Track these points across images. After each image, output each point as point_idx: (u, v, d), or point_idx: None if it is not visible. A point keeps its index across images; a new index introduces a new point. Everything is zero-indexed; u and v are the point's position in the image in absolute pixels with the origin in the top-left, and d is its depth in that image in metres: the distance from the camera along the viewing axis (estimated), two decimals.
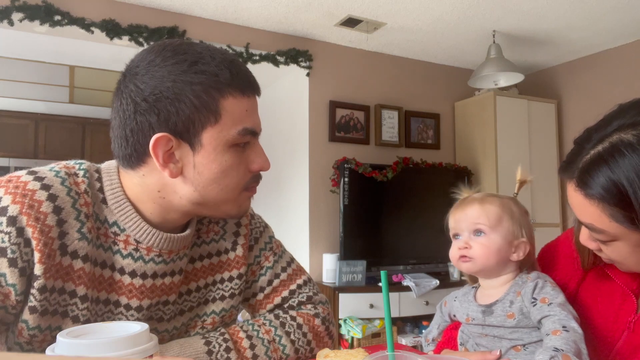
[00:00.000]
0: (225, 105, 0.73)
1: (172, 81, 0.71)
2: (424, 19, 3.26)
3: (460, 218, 0.91)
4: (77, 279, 0.72)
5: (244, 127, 0.75)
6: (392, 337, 0.65)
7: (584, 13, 3.17)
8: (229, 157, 0.74)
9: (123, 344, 0.57)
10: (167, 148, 0.73)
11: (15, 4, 2.64)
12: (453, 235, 0.93)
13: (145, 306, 0.79)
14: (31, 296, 0.69)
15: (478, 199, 0.91)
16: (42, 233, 0.69)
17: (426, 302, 3.32)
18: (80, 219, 0.73)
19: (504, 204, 0.89)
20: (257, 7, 3.07)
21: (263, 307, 0.95)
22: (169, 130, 0.72)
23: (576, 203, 0.72)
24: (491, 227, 0.87)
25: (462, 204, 0.93)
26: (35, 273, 0.69)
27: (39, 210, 0.69)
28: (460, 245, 0.90)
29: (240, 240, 0.93)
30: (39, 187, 0.71)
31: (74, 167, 0.77)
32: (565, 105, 4.12)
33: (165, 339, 0.83)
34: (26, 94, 4.66)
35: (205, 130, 0.72)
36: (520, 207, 0.91)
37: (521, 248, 0.88)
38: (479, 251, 0.87)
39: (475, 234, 0.88)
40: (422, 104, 4.05)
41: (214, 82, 0.72)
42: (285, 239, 4.56)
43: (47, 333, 0.72)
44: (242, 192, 0.79)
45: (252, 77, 0.79)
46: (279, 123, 4.16)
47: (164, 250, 0.79)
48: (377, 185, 3.50)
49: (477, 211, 0.89)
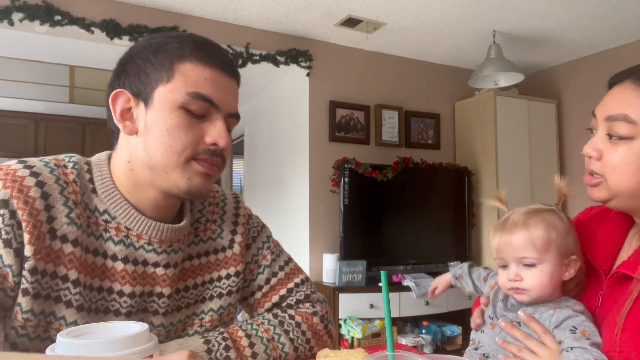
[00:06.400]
0: (181, 68, 0.76)
1: (141, 47, 0.79)
2: (424, 19, 3.26)
3: (504, 248, 0.85)
4: (68, 262, 0.74)
5: (196, 91, 0.76)
6: (392, 337, 0.65)
7: (584, 13, 3.17)
8: (176, 117, 0.76)
9: (123, 344, 0.57)
10: (127, 106, 0.78)
11: (15, 4, 2.64)
12: (499, 264, 0.88)
13: (138, 293, 0.80)
14: (23, 278, 0.71)
15: (521, 223, 0.84)
16: (30, 215, 0.71)
17: (426, 302, 3.32)
18: (68, 205, 0.75)
19: (549, 223, 0.83)
20: (257, 7, 3.07)
21: (261, 306, 0.96)
22: (128, 88, 0.78)
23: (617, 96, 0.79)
24: (540, 256, 0.82)
25: (504, 229, 0.86)
26: (25, 254, 0.71)
27: (27, 194, 0.72)
28: (511, 277, 0.84)
29: (238, 238, 0.94)
30: (28, 174, 0.74)
31: (63, 160, 0.80)
32: (565, 105, 4.12)
33: (162, 334, 0.83)
34: (26, 94, 4.66)
35: (157, 87, 0.76)
36: (563, 219, 0.86)
37: (572, 266, 0.84)
38: (532, 283, 0.82)
39: (524, 264, 0.83)
40: (422, 104, 4.05)
41: (176, 48, 0.77)
42: (285, 239, 4.57)
43: (40, 318, 0.72)
44: (190, 161, 0.77)
45: (226, 57, 0.81)
46: (279, 123, 4.16)
47: (154, 239, 0.81)
48: (377, 185, 3.50)
49: (522, 240, 0.83)
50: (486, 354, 0.87)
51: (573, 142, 4.02)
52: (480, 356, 0.88)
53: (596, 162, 0.81)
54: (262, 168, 4.55)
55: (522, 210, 0.88)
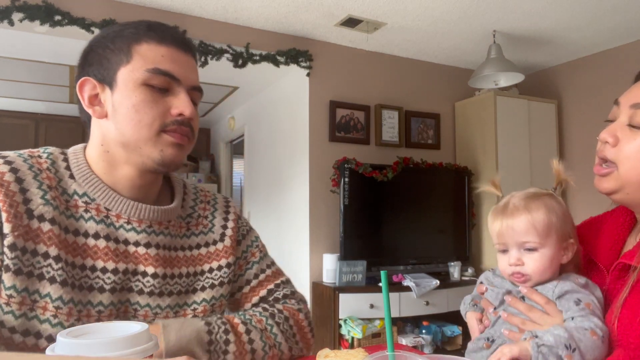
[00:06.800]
0: (139, 49, 0.82)
1: (100, 37, 0.85)
2: (424, 19, 3.26)
3: (506, 232, 0.85)
4: (48, 240, 0.76)
5: (155, 67, 0.81)
6: (392, 337, 0.65)
7: (584, 13, 3.17)
8: (139, 93, 0.80)
9: (123, 344, 0.57)
10: (93, 92, 0.83)
11: (16, 4, 2.64)
12: (499, 249, 0.87)
13: (121, 270, 0.81)
14: (3, 255, 0.73)
15: (523, 208, 0.84)
16: (6, 196, 0.75)
17: (426, 302, 3.32)
18: (42, 189, 0.79)
19: (549, 207, 0.84)
20: (257, 7, 3.07)
21: (249, 301, 0.99)
22: (92, 75, 0.83)
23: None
24: (542, 241, 0.83)
25: (505, 213, 0.86)
26: (4, 232, 0.73)
27: (2, 178, 0.76)
28: (511, 262, 0.84)
29: (228, 232, 0.98)
30: (2, 162, 0.78)
31: (38, 151, 0.85)
32: (565, 105, 4.12)
33: (149, 315, 0.84)
34: (26, 94, 4.66)
35: (119, 70, 0.81)
36: (561, 203, 0.86)
37: (570, 249, 0.85)
38: (533, 267, 0.83)
39: (525, 249, 0.84)
40: (422, 104, 4.06)
41: (131, 32, 0.83)
42: (285, 239, 4.55)
43: (24, 296, 0.73)
44: (160, 134, 0.82)
45: (180, 35, 0.87)
46: (279, 123, 4.16)
47: (132, 218, 0.84)
48: (377, 185, 3.50)
49: (524, 224, 0.83)
50: (490, 337, 0.87)
51: (573, 142, 4.02)
52: (486, 341, 0.87)
53: (610, 149, 0.81)
54: (262, 168, 4.55)
55: (521, 194, 0.87)
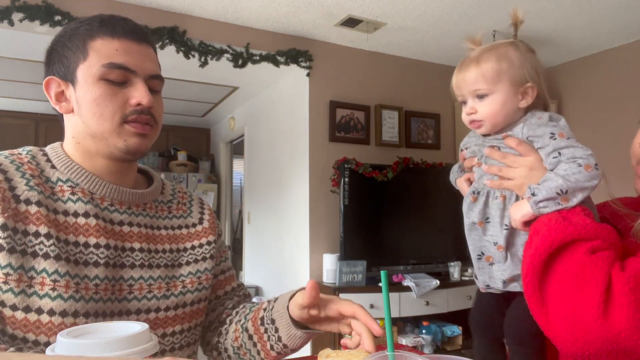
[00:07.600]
0: (94, 45, 0.86)
1: (59, 36, 0.90)
2: (424, 19, 3.26)
3: (460, 84, 0.90)
4: (36, 220, 0.80)
5: (109, 62, 0.85)
6: (392, 337, 0.65)
7: (584, 13, 3.17)
8: (98, 88, 0.85)
9: (123, 344, 0.57)
10: (59, 90, 0.89)
11: (16, 4, 2.64)
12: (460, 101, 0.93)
13: (112, 245, 0.85)
14: None
15: (474, 59, 0.89)
16: None
17: (426, 302, 3.32)
18: (25, 177, 0.83)
19: (501, 54, 0.87)
20: (257, 7, 3.07)
21: (222, 288, 1.07)
22: (56, 73, 0.88)
23: None
24: (491, 87, 0.86)
25: (460, 68, 0.91)
26: None
27: None
28: (467, 111, 0.90)
29: (206, 217, 1.05)
30: None
31: (17, 150, 0.90)
32: (565, 105, 4.11)
33: (144, 287, 0.88)
34: (26, 94, 4.66)
35: (78, 67, 0.86)
36: (520, 49, 0.89)
37: (529, 93, 0.87)
38: (485, 113, 0.87)
39: (478, 97, 0.88)
40: (422, 104, 4.05)
41: (85, 29, 0.87)
42: (285, 239, 4.54)
43: (21, 273, 0.76)
44: (122, 125, 0.86)
45: (134, 26, 0.90)
46: (279, 123, 4.16)
47: (115, 200, 0.90)
48: (377, 185, 3.50)
49: (473, 74, 0.87)
50: (476, 190, 0.90)
51: None
52: (472, 195, 0.90)
53: None
54: (262, 168, 4.55)
55: (479, 48, 0.91)
